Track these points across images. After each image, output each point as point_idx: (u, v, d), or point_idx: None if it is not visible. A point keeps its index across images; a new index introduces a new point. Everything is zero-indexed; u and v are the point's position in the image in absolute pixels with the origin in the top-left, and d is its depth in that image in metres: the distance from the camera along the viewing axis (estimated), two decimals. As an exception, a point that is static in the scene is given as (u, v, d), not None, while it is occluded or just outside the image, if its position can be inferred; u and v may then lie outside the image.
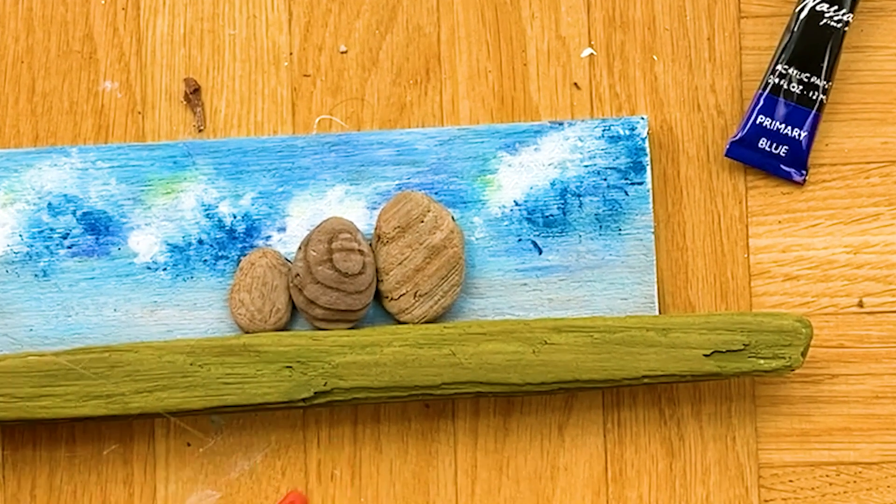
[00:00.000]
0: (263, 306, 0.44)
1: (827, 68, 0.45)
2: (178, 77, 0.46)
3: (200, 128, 0.46)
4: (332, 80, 0.46)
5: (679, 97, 0.46)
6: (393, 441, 0.45)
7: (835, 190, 0.46)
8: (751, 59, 0.46)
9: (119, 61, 0.46)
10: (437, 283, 0.44)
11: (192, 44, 0.46)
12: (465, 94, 0.46)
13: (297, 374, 0.42)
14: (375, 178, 0.45)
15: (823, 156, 0.46)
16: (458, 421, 0.45)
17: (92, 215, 0.45)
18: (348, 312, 0.43)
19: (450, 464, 0.45)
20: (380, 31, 0.46)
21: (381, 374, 0.42)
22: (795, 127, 0.45)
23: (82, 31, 0.46)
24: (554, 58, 0.46)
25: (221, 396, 0.42)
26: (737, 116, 0.46)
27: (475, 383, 0.43)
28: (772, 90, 0.45)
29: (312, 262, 0.43)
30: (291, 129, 0.46)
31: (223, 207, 0.45)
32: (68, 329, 0.44)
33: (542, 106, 0.46)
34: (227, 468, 0.45)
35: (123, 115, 0.46)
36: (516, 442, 0.45)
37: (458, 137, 0.45)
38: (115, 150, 0.45)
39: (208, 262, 0.45)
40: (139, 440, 0.45)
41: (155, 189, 0.45)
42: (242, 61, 0.46)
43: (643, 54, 0.46)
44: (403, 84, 0.46)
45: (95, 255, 0.45)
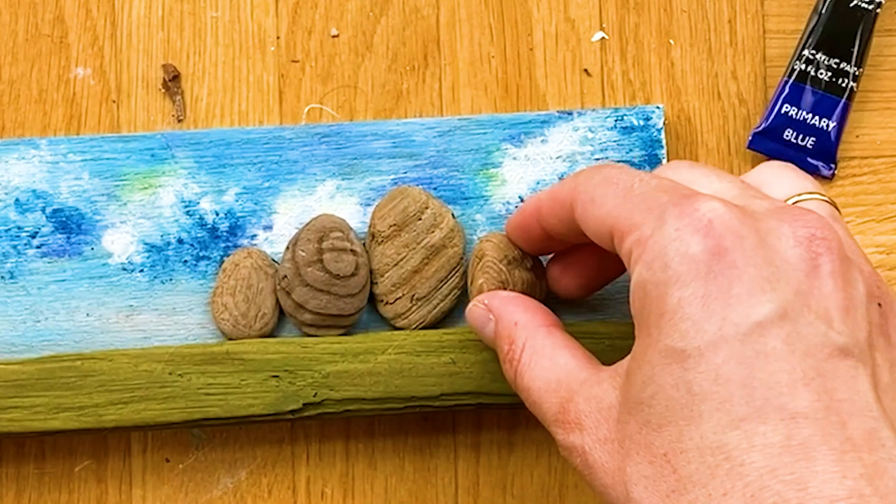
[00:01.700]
0: (248, 311, 0.42)
1: (857, 53, 0.44)
2: (156, 63, 0.45)
3: (180, 118, 0.45)
4: (322, 66, 0.45)
5: (698, 85, 0.45)
6: (388, 457, 0.44)
7: (866, 185, 0.45)
8: (775, 44, 0.45)
9: (92, 46, 0.45)
10: (435, 285, 0.42)
11: (171, 27, 0.45)
12: (467, 82, 0.45)
13: (284, 385, 0.41)
14: (369, 173, 0.44)
15: (854, 148, 0.45)
16: (458, 435, 0.44)
17: (63, 212, 0.43)
18: (340, 317, 0.42)
19: (450, 481, 0.44)
20: (374, 13, 0.45)
21: (375, 385, 0.41)
22: (823, 117, 0.44)
23: (52, 13, 0.45)
24: (562, 42, 0.45)
25: (203, 408, 0.41)
26: (760, 105, 0.45)
27: (477, 394, 0.41)
28: (798, 77, 0.44)
29: (301, 263, 0.41)
30: (278, 120, 0.45)
31: (205, 204, 0.43)
32: (37, 335, 0.43)
33: (549, 94, 0.45)
34: (208, 486, 0.44)
35: (97, 104, 0.45)
36: (521, 458, 0.44)
37: (458, 128, 0.44)
38: (88, 142, 0.43)
39: (189, 262, 0.43)
40: (114, 456, 0.44)
41: (131, 184, 0.43)
42: (225, 46, 0.45)
43: (659, 38, 0.45)
44: (400, 70, 0.45)
45: (66, 255, 0.43)
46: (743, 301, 0.28)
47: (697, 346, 0.28)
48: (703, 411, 0.28)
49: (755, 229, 0.30)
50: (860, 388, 0.28)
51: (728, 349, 0.28)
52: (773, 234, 0.30)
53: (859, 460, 0.27)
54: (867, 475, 0.26)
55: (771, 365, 0.28)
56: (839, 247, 0.30)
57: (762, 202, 0.32)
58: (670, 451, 0.28)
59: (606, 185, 0.33)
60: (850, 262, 0.31)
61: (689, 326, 0.29)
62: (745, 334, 0.28)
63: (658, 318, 0.29)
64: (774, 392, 0.27)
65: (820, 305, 0.29)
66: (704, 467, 0.28)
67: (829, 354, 0.28)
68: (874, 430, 0.27)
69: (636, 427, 0.30)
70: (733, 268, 0.29)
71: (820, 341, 0.28)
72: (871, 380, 0.29)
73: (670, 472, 0.28)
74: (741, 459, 0.27)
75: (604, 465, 0.31)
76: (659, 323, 0.29)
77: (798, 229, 0.30)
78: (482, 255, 0.41)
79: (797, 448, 0.27)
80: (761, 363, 0.28)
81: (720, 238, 0.29)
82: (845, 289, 0.30)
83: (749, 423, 0.27)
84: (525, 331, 0.36)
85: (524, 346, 0.36)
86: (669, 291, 0.29)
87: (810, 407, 0.27)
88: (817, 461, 0.26)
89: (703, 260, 0.29)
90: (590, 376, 0.33)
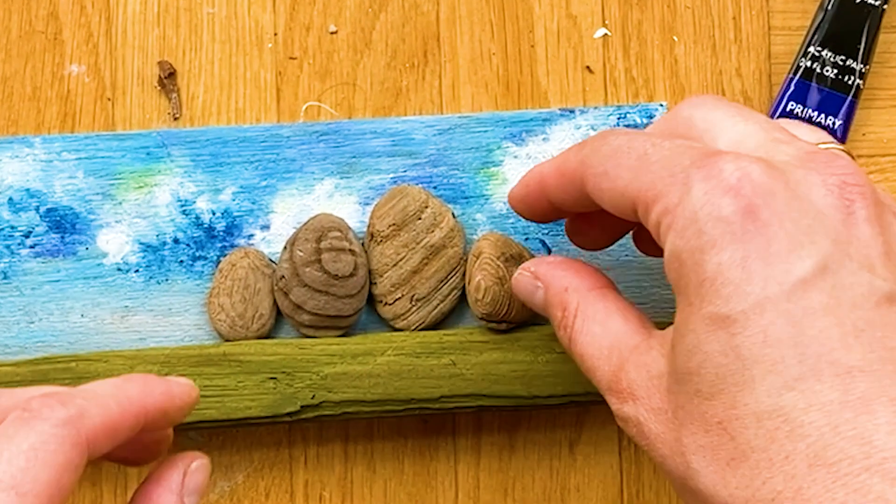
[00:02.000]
0: (245, 311, 0.42)
1: (864, 50, 0.43)
2: (152, 60, 0.44)
3: (176, 115, 0.44)
4: (320, 63, 0.44)
5: (702, 82, 0.45)
6: (387, 459, 0.44)
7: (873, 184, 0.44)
8: (780, 41, 0.45)
9: (87, 42, 0.44)
10: (435, 286, 0.42)
11: (166, 23, 0.44)
12: (467, 79, 0.44)
13: (282, 387, 0.41)
14: (368, 171, 0.43)
15: (860, 146, 0.45)
16: (458, 437, 0.44)
17: (57, 212, 0.43)
18: (338, 318, 0.42)
19: (450, 485, 0.44)
20: (373, 9, 0.44)
21: (374, 386, 0.41)
22: (830, 115, 0.44)
23: (46, 10, 0.44)
24: (564, 39, 0.45)
25: (199, 411, 0.41)
26: (765, 103, 0.45)
27: (478, 396, 0.41)
28: (803, 74, 0.44)
29: (299, 263, 0.41)
30: (276, 117, 0.44)
31: (201, 203, 0.43)
32: (31, 336, 0.43)
33: (551, 91, 0.44)
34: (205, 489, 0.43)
35: (91, 101, 0.44)
36: (523, 461, 0.44)
37: (458, 126, 0.43)
38: (83, 141, 0.43)
39: (185, 262, 0.43)
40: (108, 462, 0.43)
41: (126, 183, 0.43)
42: (222, 42, 0.44)
43: (662, 35, 0.45)
44: (399, 68, 0.44)
45: (61, 255, 0.43)
46: (783, 258, 0.28)
47: (742, 310, 0.28)
48: (755, 375, 0.27)
49: (785, 182, 0.29)
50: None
51: (774, 309, 0.27)
52: (804, 185, 0.29)
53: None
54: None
55: (819, 321, 0.27)
56: (872, 191, 0.30)
57: (788, 148, 0.31)
58: (725, 419, 0.28)
59: (618, 155, 0.32)
60: (883, 206, 0.30)
61: (732, 291, 0.28)
62: (790, 292, 0.28)
63: (698, 285, 0.29)
64: (826, 348, 0.27)
65: (860, 253, 0.28)
66: (763, 432, 0.27)
67: (876, 303, 0.28)
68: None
69: (687, 397, 0.29)
70: (769, 225, 0.28)
71: (866, 290, 0.28)
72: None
73: (728, 440, 0.28)
74: (800, 420, 0.26)
75: (660, 436, 0.30)
76: (699, 290, 0.29)
77: (828, 177, 0.29)
78: (479, 252, 0.41)
79: (856, 402, 0.26)
80: (809, 320, 0.27)
81: (751, 197, 0.28)
82: (883, 234, 0.29)
83: (804, 383, 0.27)
84: (577, 295, 0.35)
85: (576, 311, 0.35)
86: (706, 257, 0.29)
87: (864, 359, 0.27)
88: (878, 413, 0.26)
89: (736, 221, 0.28)
90: (640, 342, 0.33)
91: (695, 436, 0.29)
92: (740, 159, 0.29)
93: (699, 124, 0.33)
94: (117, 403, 0.30)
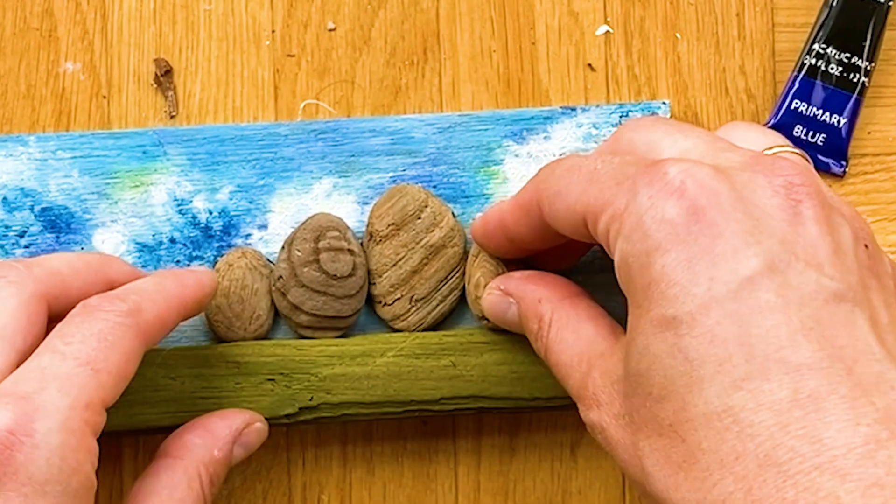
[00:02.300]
0: (242, 312, 0.42)
1: (869, 48, 0.43)
2: (148, 57, 0.44)
3: (172, 114, 0.44)
4: (318, 61, 0.44)
5: (705, 79, 0.44)
6: (386, 462, 0.44)
7: (878, 183, 0.44)
8: (785, 38, 0.44)
9: (82, 40, 0.44)
10: (435, 286, 0.42)
11: (163, 20, 0.44)
12: (467, 77, 0.44)
13: (280, 388, 0.40)
14: (367, 170, 0.43)
15: (866, 145, 0.44)
16: (458, 440, 0.44)
17: (52, 211, 0.42)
18: (337, 319, 0.41)
19: (450, 487, 0.44)
20: (372, 5, 0.44)
21: (373, 388, 0.41)
22: (834, 113, 0.43)
23: (41, 7, 0.44)
24: (566, 36, 0.44)
25: (196, 412, 0.40)
26: (769, 101, 0.44)
27: (478, 398, 0.41)
28: (808, 72, 0.43)
29: (297, 263, 0.41)
30: (274, 116, 0.44)
31: (198, 202, 0.43)
32: None
33: (552, 89, 0.44)
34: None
35: (87, 99, 0.44)
36: (524, 463, 0.44)
37: (459, 125, 0.43)
38: (78, 139, 0.43)
39: (181, 263, 0.43)
40: (105, 462, 0.42)
41: (122, 182, 0.43)
42: (219, 40, 0.44)
43: (665, 32, 0.44)
44: (398, 65, 0.44)
45: None
46: (728, 258, 0.28)
47: (688, 311, 0.28)
48: (704, 376, 0.27)
49: (730, 184, 0.29)
50: (860, 331, 0.27)
51: (720, 309, 0.27)
52: (749, 187, 0.29)
53: (871, 405, 0.26)
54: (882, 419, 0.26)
55: (767, 319, 0.27)
56: (819, 191, 0.29)
57: (733, 155, 0.31)
58: (676, 422, 0.28)
59: (569, 174, 0.33)
60: (831, 207, 0.30)
61: (677, 292, 0.28)
62: (736, 291, 0.27)
63: (644, 288, 0.29)
64: (774, 346, 0.27)
65: (808, 252, 0.28)
66: (713, 433, 0.27)
67: (824, 301, 0.27)
68: (881, 373, 0.27)
69: (640, 400, 0.29)
70: (713, 226, 0.28)
71: (813, 289, 0.28)
72: (870, 322, 0.28)
73: (679, 443, 0.28)
74: (749, 420, 0.26)
75: (620, 442, 0.31)
76: (646, 293, 0.29)
77: (774, 178, 0.29)
78: (479, 251, 0.41)
79: (806, 400, 0.26)
80: (756, 318, 0.27)
81: (695, 198, 0.28)
82: (831, 233, 0.29)
83: (753, 382, 0.26)
84: (550, 305, 0.36)
85: (550, 321, 0.35)
86: (652, 260, 0.29)
87: (813, 357, 0.26)
88: (828, 411, 0.26)
89: (681, 223, 0.28)
90: (607, 348, 0.33)
91: (649, 439, 0.29)
92: (685, 163, 0.29)
93: (640, 147, 0.33)
94: (164, 299, 0.35)
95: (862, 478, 0.24)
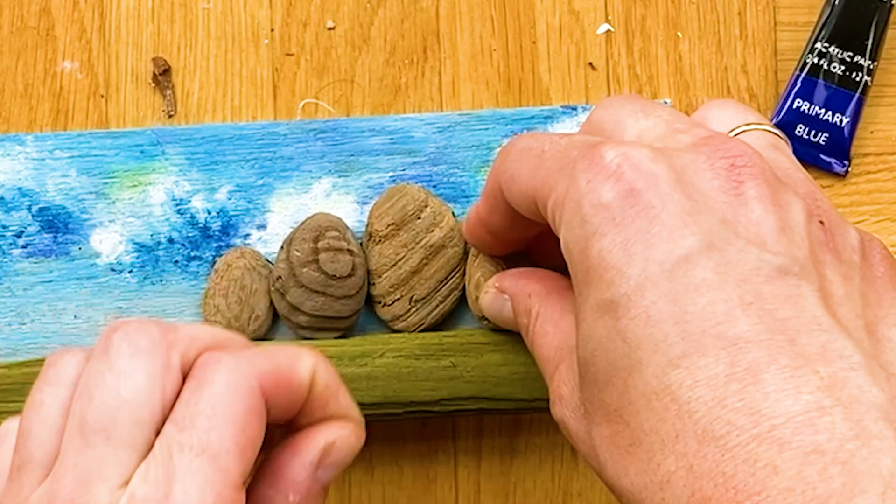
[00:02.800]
0: (241, 313, 0.41)
1: (872, 46, 0.43)
2: (146, 56, 0.44)
3: (171, 113, 0.43)
4: (318, 60, 0.44)
5: (706, 78, 0.44)
6: (386, 463, 0.43)
7: (881, 182, 0.44)
8: (787, 37, 0.44)
9: (80, 38, 0.43)
10: (435, 286, 0.41)
11: (161, 19, 0.44)
12: (467, 76, 0.44)
13: None
14: (367, 170, 0.43)
15: (868, 144, 0.44)
16: (459, 441, 0.43)
17: (49, 211, 0.42)
18: (336, 319, 0.41)
19: (450, 489, 0.43)
20: (371, 4, 0.44)
21: (372, 389, 0.40)
22: (837, 112, 0.43)
23: (38, 5, 0.44)
24: (567, 35, 0.44)
25: None
26: (771, 100, 0.44)
27: (478, 399, 0.40)
28: (810, 71, 0.43)
29: (296, 264, 0.40)
30: (272, 115, 0.44)
31: (196, 202, 0.42)
32: (23, 338, 0.42)
33: (553, 88, 0.44)
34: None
35: (84, 98, 0.43)
36: (524, 464, 0.43)
37: (459, 124, 0.43)
38: (76, 138, 0.42)
39: (179, 263, 0.42)
40: None
41: (120, 181, 0.42)
42: (218, 38, 0.44)
43: (666, 31, 0.44)
44: (398, 64, 0.44)
45: (53, 255, 0.42)
46: (664, 238, 0.27)
47: (624, 293, 0.27)
48: (642, 357, 0.27)
49: (669, 166, 0.28)
50: (806, 303, 0.27)
51: (655, 289, 0.27)
52: (691, 169, 0.29)
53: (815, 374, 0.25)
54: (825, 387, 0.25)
55: (703, 296, 0.26)
56: (764, 171, 0.29)
57: (685, 136, 0.30)
58: (620, 406, 0.27)
59: (521, 155, 0.32)
60: (780, 185, 0.29)
61: (614, 275, 0.27)
62: (671, 271, 0.27)
63: (585, 274, 0.28)
64: (711, 322, 0.26)
65: (750, 231, 0.28)
66: (653, 414, 0.26)
67: (766, 276, 0.27)
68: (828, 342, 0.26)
69: (589, 389, 0.29)
70: (650, 208, 0.28)
71: (754, 265, 0.27)
72: (819, 294, 0.27)
73: (624, 427, 0.27)
74: (687, 397, 0.26)
75: (579, 434, 0.30)
76: (586, 279, 0.28)
77: (717, 160, 0.29)
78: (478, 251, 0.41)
79: (743, 373, 0.25)
80: (692, 296, 0.26)
81: (632, 181, 0.28)
82: (777, 211, 0.28)
83: (689, 359, 0.26)
84: (538, 298, 0.35)
85: (537, 314, 0.35)
86: (590, 245, 0.28)
87: (752, 330, 0.26)
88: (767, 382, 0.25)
89: (617, 206, 0.28)
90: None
91: (599, 427, 0.28)
92: (622, 146, 0.29)
93: (607, 126, 0.33)
94: None
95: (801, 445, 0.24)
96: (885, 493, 0.23)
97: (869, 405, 0.25)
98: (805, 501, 0.23)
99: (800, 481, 0.24)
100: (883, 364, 0.27)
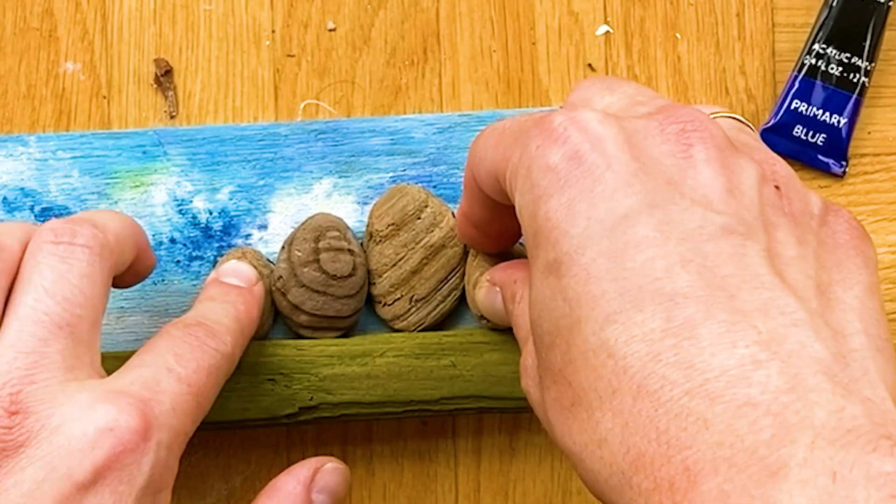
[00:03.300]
0: None
1: (869, 48, 0.43)
2: (148, 57, 0.44)
3: (172, 114, 0.43)
4: (319, 61, 0.44)
5: (705, 79, 0.44)
6: (386, 462, 0.43)
7: (878, 183, 0.44)
8: (785, 38, 0.44)
9: (82, 40, 0.43)
10: (435, 286, 0.41)
11: (163, 20, 0.44)
12: (467, 77, 0.44)
13: (279, 388, 0.40)
14: (367, 170, 0.43)
15: (866, 145, 0.44)
16: (458, 440, 0.43)
17: (52, 211, 0.42)
18: (337, 319, 0.41)
19: (450, 488, 0.43)
20: (372, 6, 0.44)
21: (373, 388, 0.40)
22: (834, 113, 0.43)
23: (41, 6, 0.44)
24: (566, 36, 0.44)
25: None
26: (769, 101, 0.44)
27: (478, 398, 0.41)
28: (808, 72, 0.43)
29: (297, 263, 0.40)
30: (274, 116, 0.44)
31: (198, 202, 0.42)
32: None
33: (552, 89, 0.44)
34: (202, 492, 0.43)
35: (87, 99, 0.43)
36: (524, 463, 0.43)
37: (459, 125, 0.43)
38: (78, 139, 0.42)
39: (181, 262, 0.42)
40: None
41: (122, 182, 0.42)
42: (219, 40, 0.44)
43: (665, 32, 0.44)
44: (398, 65, 0.44)
45: None
46: (606, 197, 0.27)
47: (566, 252, 0.27)
48: (582, 315, 0.26)
49: (619, 129, 0.28)
50: (750, 261, 0.26)
51: (595, 247, 0.27)
52: (640, 133, 0.29)
53: (753, 328, 0.25)
54: (763, 342, 0.25)
55: (642, 253, 0.26)
56: (715, 136, 0.29)
57: (642, 108, 0.30)
58: (563, 365, 0.27)
59: (486, 139, 0.33)
60: (733, 151, 0.29)
61: (558, 235, 0.27)
62: (611, 229, 0.27)
63: (533, 237, 0.28)
64: (649, 279, 0.26)
65: (696, 192, 0.27)
66: (590, 371, 0.26)
67: (710, 235, 0.27)
68: (770, 300, 0.26)
69: (539, 352, 0.29)
70: (595, 168, 0.28)
71: (698, 224, 0.27)
72: (765, 253, 0.27)
73: (567, 387, 0.27)
74: (622, 353, 0.25)
75: (538, 404, 0.30)
76: (535, 242, 0.28)
77: (668, 126, 0.29)
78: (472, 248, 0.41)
79: (679, 328, 0.25)
80: (631, 252, 0.26)
81: (577, 143, 0.28)
82: (725, 174, 0.28)
83: (625, 315, 0.26)
84: (522, 284, 0.35)
85: (521, 297, 0.35)
86: (538, 207, 0.28)
87: (691, 286, 0.26)
88: (703, 337, 0.25)
89: (563, 168, 0.28)
90: None
91: (548, 390, 0.28)
92: (573, 112, 0.29)
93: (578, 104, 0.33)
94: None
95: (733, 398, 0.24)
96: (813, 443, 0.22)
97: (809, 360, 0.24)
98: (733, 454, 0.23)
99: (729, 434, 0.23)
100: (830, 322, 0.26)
